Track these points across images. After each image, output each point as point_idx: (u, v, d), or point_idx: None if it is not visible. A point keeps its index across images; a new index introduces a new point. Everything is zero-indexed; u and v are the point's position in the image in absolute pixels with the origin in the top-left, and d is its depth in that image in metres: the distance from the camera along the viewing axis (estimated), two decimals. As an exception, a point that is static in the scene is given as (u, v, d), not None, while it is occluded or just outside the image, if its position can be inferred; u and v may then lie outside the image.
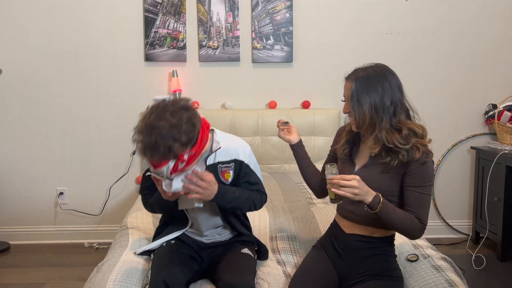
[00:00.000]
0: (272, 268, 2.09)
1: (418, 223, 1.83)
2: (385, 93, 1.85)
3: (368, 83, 1.86)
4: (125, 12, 3.73)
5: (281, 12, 3.75)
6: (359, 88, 1.86)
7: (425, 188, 1.82)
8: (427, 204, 1.84)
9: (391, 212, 1.78)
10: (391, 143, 1.82)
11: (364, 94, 1.85)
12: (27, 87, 3.76)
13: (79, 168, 3.85)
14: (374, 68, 1.94)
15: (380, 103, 1.84)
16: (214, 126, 3.66)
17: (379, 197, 1.76)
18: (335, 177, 1.75)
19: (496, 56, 3.86)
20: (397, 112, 1.86)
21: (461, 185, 3.98)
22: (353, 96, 1.86)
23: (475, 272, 3.32)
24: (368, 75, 1.89)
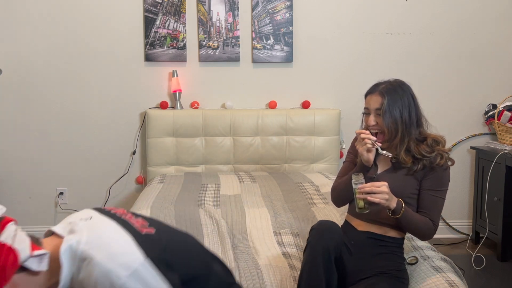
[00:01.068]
0: (278, 261, 2.09)
1: (432, 226, 1.93)
2: (410, 107, 1.97)
3: (398, 97, 1.96)
4: (125, 12, 3.73)
5: (281, 12, 3.75)
6: (390, 102, 1.94)
7: (441, 192, 1.95)
8: (440, 207, 1.95)
9: (410, 216, 1.88)
10: (419, 154, 1.93)
11: (395, 107, 1.94)
12: (27, 87, 3.76)
13: (79, 168, 3.85)
14: (396, 83, 2.04)
15: (408, 116, 1.95)
16: (214, 126, 3.70)
17: (401, 203, 1.86)
18: (367, 185, 1.82)
19: (496, 56, 3.86)
20: (419, 124, 1.99)
21: (461, 185, 3.98)
22: (386, 110, 1.94)
23: (475, 272, 3.32)
24: (396, 89, 1.99)
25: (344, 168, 2.16)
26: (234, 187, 3.15)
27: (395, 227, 1.96)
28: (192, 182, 3.27)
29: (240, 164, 3.71)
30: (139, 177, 3.84)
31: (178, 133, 3.68)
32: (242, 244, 2.30)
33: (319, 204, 2.76)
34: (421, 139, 1.96)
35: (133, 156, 3.84)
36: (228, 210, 2.72)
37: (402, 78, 4.14)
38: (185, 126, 3.67)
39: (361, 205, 1.84)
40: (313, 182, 3.20)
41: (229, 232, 2.44)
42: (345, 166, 2.15)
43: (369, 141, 1.92)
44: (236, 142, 3.70)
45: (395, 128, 1.93)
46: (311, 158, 3.71)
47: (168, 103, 3.79)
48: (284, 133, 3.71)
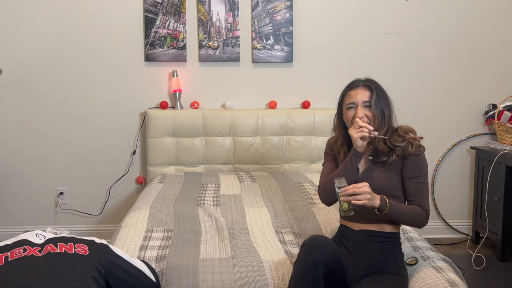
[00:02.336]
0: (280, 257, 2.10)
1: (423, 211, 1.96)
2: (387, 100, 2.07)
3: (381, 91, 2.07)
4: (125, 12, 3.73)
5: (281, 12, 3.75)
6: (378, 94, 2.03)
7: (422, 177, 1.99)
8: (426, 192, 1.99)
9: (398, 209, 1.91)
10: (391, 144, 2.00)
11: (381, 100, 2.03)
12: (27, 87, 3.76)
13: (79, 168, 3.85)
14: (371, 79, 2.15)
15: (388, 108, 2.06)
16: (214, 126, 3.71)
17: (384, 199, 1.89)
18: (349, 188, 1.84)
19: (496, 56, 3.86)
20: (393, 116, 2.10)
21: (461, 185, 3.98)
22: (376, 101, 2.02)
23: (475, 272, 3.32)
24: (376, 83, 2.10)
25: (327, 167, 2.16)
26: (234, 187, 3.15)
27: (390, 222, 1.99)
28: (192, 182, 3.27)
29: (240, 164, 3.71)
30: (139, 177, 3.84)
31: (178, 133, 3.68)
32: (243, 237, 2.30)
33: (319, 204, 2.76)
34: (393, 130, 2.05)
35: (133, 156, 3.84)
36: (227, 209, 2.72)
37: (402, 78, 4.17)
38: (185, 126, 3.67)
39: (346, 207, 1.88)
40: (313, 182, 3.20)
41: (229, 227, 2.44)
42: (328, 166, 2.16)
43: (366, 129, 1.97)
44: (236, 142, 3.70)
45: (382, 119, 2.01)
46: (311, 158, 3.71)
47: (168, 103, 3.79)
48: (284, 133, 3.71)
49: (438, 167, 3.95)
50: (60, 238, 1.76)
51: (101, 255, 1.76)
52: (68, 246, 1.72)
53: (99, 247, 1.79)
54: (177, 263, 2.03)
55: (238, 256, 2.09)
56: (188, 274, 1.94)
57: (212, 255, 2.10)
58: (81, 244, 1.76)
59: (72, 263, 1.68)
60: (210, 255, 2.10)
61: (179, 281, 1.91)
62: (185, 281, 1.90)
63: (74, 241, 1.77)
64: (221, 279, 1.91)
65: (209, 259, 2.06)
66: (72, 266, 1.67)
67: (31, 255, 1.66)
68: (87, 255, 1.73)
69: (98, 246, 1.79)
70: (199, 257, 2.08)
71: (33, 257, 1.65)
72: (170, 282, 1.91)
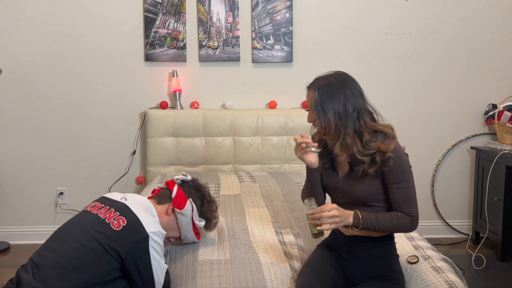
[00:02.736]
0: (279, 260, 2.09)
1: (407, 218, 1.86)
2: (347, 100, 1.89)
3: (330, 91, 1.90)
4: (125, 12, 3.73)
5: (281, 12, 3.75)
6: (322, 97, 1.89)
7: (406, 182, 1.86)
8: (412, 196, 1.87)
9: (375, 221, 1.83)
10: (352, 150, 1.87)
11: (327, 102, 1.88)
12: (27, 87, 3.76)
13: (79, 168, 3.85)
14: (335, 76, 1.97)
15: (343, 110, 1.88)
16: (214, 126, 3.70)
17: (357, 215, 1.82)
18: (315, 212, 1.78)
19: (496, 56, 3.86)
20: (360, 117, 1.90)
21: (461, 185, 3.98)
22: (317, 105, 1.89)
23: (475, 272, 3.32)
24: (330, 83, 1.92)
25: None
26: (234, 187, 3.15)
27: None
28: (192, 182, 3.27)
29: (240, 164, 3.71)
30: (139, 177, 3.84)
31: (178, 133, 3.68)
32: (243, 238, 2.30)
33: (319, 204, 2.76)
34: (362, 133, 1.88)
35: (133, 156, 3.84)
36: (227, 209, 2.72)
37: (402, 78, 4.17)
38: (185, 126, 3.67)
39: (315, 231, 1.82)
40: (313, 182, 3.19)
41: (229, 227, 2.44)
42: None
43: (304, 144, 1.93)
44: (236, 142, 3.70)
45: (327, 122, 1.88)
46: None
47: (168, 103, 3.79)
48: (284, 133, 3.71)
49: (438, 167, 3.95)
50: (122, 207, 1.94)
51: (129, 240, 1.85)
52: (110, 216, 1.91)
53: (137, 232, 1.87)
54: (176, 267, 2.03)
55: (237, 257, 2.08)
56: (187, 280, 1.94)
57: (211, 257, 2.10)
58: (121, 218, 1.89)
59: (95, 226, 1.89)
60: (209, 257, 2.10)
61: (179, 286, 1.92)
62: (185, 286, 1.90)
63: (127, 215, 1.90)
64: (219, 282, 1.91)
65: (207, 261, 2.06)
66: (92, 227, 1.88)
67: (83, 210, 2.01)
68: (113, 230, 1.86)
69: (137, 232, 1.87)
70: (197, 259, 2.08)
71: (84, 211, 1.99)
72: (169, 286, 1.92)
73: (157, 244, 1.90)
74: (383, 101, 3.85)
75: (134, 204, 1.98)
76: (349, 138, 1.87)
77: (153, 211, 2.03)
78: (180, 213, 2.08)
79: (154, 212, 2.03)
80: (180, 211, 2.08)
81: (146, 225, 1.89)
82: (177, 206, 2.08)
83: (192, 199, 2.12)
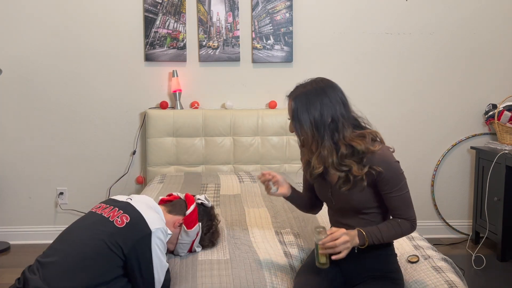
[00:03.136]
0: (279, 259, 2.10)
1: (407, 223, 1.85)
2: (324, 109, 1.80)
3: (307, 100, 1.82)
4: (125, 12, 3.73)
5: (281, 12, 3.75)
6: (298, 106, 1.83)
7: (400, 189, 1.81)
8: (408, 201, 1.85)
9: (379, 235, 1.81)
10: (327, 163, 1.81)
11: (304, 112, 1.81)
12: (27, 87, 3.76)
13: (79, 168, 3.85)
14: (313, 83, 1.89)
15: (320, 120, 1.79)
16: (214, 126, 3.70)
17: (362, 234, 1.79)
18: (326, 241, 1.73)
19: (496, 56, 3.86)
20: (339, 128, 1.81)
21: (461, 185, 3.98)
22: (294, 115, 1.83)
23: (475, 272, 3.32)
24: (307, 92, 1.85)
25: (304, 178, 2.10)
26: (234, 187, 3.15)
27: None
28: (192, 182, 3.27)
29: (240, 164, 3.71)
30: (139, 177, 3.85)
31: (178, 133, 3.68)
32: (243, 238, 2.30)
33: (319, 204, 2.76)
34: (340, 146, 1.80)
35: (133, 156, 3.84)
36: (227, 210, 2.72)
37: (402, 78, 4.16)
38: (185, 126, 3.67)
39: (324, 261, 1.76)
40: (313, 182, 3.19)
41: (229, 227, 2.44)
42: (304, 177, 2.10)
43: (266, 183, 1.94)
44: (236, 142, 3.70)
45: (304, 133, 1.81)
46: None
47: (168, 103, 3.79)
48: (284, 133, 3.71)
49: (438, 167, 3.95)
50: (125, 206, 1.96)
51: (132, 236, 1.85)
52: (114, 214, 1.92)
53: (140, 229, 1.87)
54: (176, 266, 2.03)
55: (237, 257, 2.08)
56: (187, 279, 1.94)
57: (211, 257, 2.10)
58: (125, 216, 1.90)
59: (99, 225, 1.91)
60: (209, 257, 2.10)
61: (178, 285, 1.91)
62: (185, 285, 1.90)
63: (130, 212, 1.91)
64: (219, 282, 1.91)
65: (207, 261, 2.06)
66: (96, 227, 1.90)
67: (89, 211, 2.03)
68: (116, 227, 1.87)
69: (140, 228, 1.87)
70: (197, 259, 2.08)
71: (90, 213, 2.02)
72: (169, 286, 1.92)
73: (160, 241, 1.89)
74: (383, 101, 3.85)
75: (139, 202, 1.99)
76: (325, 150, 1.80)
77: (158, 210, 2.03)
78: (185, 231, 2.09)
79: (159, 211, 2.04)
80: (187, 230, 2.09)
81: (149, 221, 1.89)
82: (187, 224, 2.09)
83: (201, 224, 2.13)
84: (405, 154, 3.89)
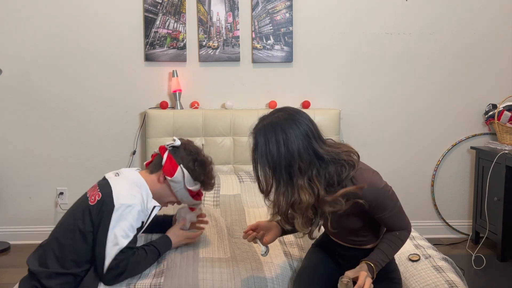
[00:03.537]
0: (279, 259, 2.10)
1: (404, 232, 1.83)
2: (281, 149, 1.58)
3: (265, 137, 1.61)
4: (125, 12, 3.73)
5: (281, 12, 3.75)
6: (256, 146, 1.64)
7: (392, 207, 1.73)
8: (402, 213, 1.80)
9: (385, 257, 1.78)
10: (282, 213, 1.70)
11: (262, 153, 1.62)
12: (27, 87, 3.76)
13: (79, 168, 3.85)
14: (272, 117, 1.65)
15: (278, 162, 1.59)
16: (214, 126, 3.70)
17: (371, 267, 1.73)
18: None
19: (496, 56, 3.86)
20: (296, 171, 1.60)
21: (461, 185, 3.98)
22: (253, 158, 1.66)
23: (475, 272, 3.32)
24: (265, 128, 1.63)
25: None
26: (234, 187, 3.15)
27: (367, 242, 1.88)
28: (192, 182, 3.27)
29: (240, 164, 3.71)
30: (139, 177, 3.84)
31: (178, 133, 3.68)
32: None
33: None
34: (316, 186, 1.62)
35: (133, 156, 3.84)
36: (227, 209, 2.72)
37: (402, 78, 4.16)
38: (185, 126, 3.67)
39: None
40: (313, 182, 3.19)
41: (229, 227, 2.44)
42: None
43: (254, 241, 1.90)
44: (236, 142, 3.70)
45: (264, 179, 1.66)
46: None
47: (168, 103, 3.79)
48: (284, 133, 3.70)
49: (438, 167, 3.95)
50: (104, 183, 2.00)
51: (98, 212, 1.90)
52: (92, 193, 1.98)
53: (105, 205, 1.90)
54: (177, 262, 2.03)
55: (237, 256, 2.09)
56: (188, 273, 1.94)
57: (212, 255, 2.11)
58: (98, 194, 1.95)
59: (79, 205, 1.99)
60: (210, 254, 2.11)
61: (179, 280, 1.91)
62: (185, 280, 1.90)
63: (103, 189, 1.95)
64: (220, 279, 1.92)
65: (208, 258, 2.07)
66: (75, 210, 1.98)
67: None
68: (89, 205, 1.94)
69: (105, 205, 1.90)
70: (198, 256, 2.08)
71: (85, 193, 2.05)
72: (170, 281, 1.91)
73: (122, 218, 1.87)
74: (383, 101, 3.85)
75: (120, 179, 2.00)
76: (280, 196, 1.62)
77: (143, 186, 2.02)
78: (171, 180, 2.06)
79: (144, 187, 2.02)
80: (171, 178, 2.05)
81: (116, 197, 1.90)
82: (168, 174, 2.05)
83: (183, 164, 2.06)
84: (405, 154, 3.90)
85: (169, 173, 2.05)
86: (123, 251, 1.86)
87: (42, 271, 1.89)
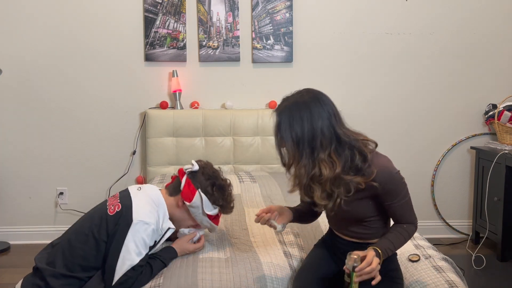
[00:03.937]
0: (279, 259, 2.10)
1: (411, 226, 1.84)
2: (304, 124, 1.69)
3: (290, 115, 1.72)
4: (125, 12, 3.73)
5: (281, 12, 3.75)
6: (280, 123, 1.73)
7: (402, 197, 1.77)
8: (410, 207, 1.82)
9: (392, 246, 1.78)
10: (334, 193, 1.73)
11: (286, 129, 1.71)
12: (27, 87, 3.76)
13: (79, 168, 3.85)
14: (297, 96, 1.78)
15: (301, 135, 1.68)
16: (214, 126, 3.70)
17: (378, 252, 1.73)
18: (363, 267, 1.65)
19: (496, 56, 3.86)
20: (318, 146, 1.69)
21: (461, 185, 3.98)
22: (277, 134, 1.75)
23: (475, 272, 3.32)
24: (290, 106, 1.74)
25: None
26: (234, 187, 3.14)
27: (372, 236, 1.88)
28: (192, 182, 3.26)
29: (240, 164, 3.71)
30: (139, 177, 3.84)
31: (178, 133, 3.68)
32: (243, 238, 2.31)
33: (319, 204, 2.76)
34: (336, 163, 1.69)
35: (133, 156, 3.84)
36: (228, 210, 2.71)
37: (402, 78, 4.16)
38: (185, 126, 3.67)
39: (356, 287, 1.68)
40: (313, 182, 3.19)
41: (229, 227, 2.44)
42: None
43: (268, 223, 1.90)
44: (236, 142, 3.70)
45: (287, 152, 1.73)
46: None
47: (168, 103, 3.79)
48: (284, 133, 3.70)
49: (438, 167, 3.95)
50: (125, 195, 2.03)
51: (115, 223, 1.92)
52: (112, 202, 2.00)
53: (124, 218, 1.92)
54: (177, 263, 2.03)
55: (237, 256, 2.09)
56: (187, 274, 1.94)
57: (211, 255, 2.11)
58: (118, 205, 1.97)
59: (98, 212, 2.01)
60: (209, 255, 2.11)
61: (178, 280, 1.91)
62: (184, 280, 1.90)
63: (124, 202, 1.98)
64: (220, 279, 1.92)
65: (208, 258, 2.07)
66: (93, 216, 2.00)
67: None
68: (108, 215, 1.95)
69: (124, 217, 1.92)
70: (198, 256, 2.08)
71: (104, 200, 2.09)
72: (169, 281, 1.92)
73: (137, 234, 1.88)
74: (383, 101, 3.85)
75: (141, 193, 2.01)
76: (302, 170, 1.70)
77: (161, 205, 2.03)
78: (189, 205, 2.06)
79: (162, 206, 2.03)
80: (189, 203, 2.06)
81: (135, 212, 1.91)
82: (186, 199, 2.06)
83: (201, 189, 2.07)
84: (405, 154, 3.90)
85: (188, 198, 2.06)
86: (134, 268, 1.88)
87: (48, 269, 1.91)
